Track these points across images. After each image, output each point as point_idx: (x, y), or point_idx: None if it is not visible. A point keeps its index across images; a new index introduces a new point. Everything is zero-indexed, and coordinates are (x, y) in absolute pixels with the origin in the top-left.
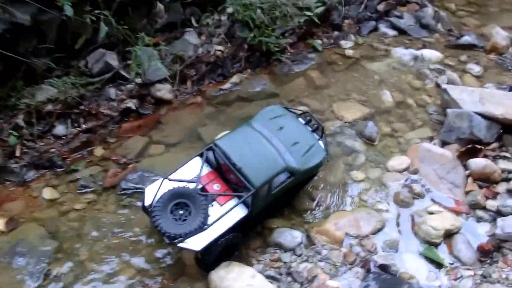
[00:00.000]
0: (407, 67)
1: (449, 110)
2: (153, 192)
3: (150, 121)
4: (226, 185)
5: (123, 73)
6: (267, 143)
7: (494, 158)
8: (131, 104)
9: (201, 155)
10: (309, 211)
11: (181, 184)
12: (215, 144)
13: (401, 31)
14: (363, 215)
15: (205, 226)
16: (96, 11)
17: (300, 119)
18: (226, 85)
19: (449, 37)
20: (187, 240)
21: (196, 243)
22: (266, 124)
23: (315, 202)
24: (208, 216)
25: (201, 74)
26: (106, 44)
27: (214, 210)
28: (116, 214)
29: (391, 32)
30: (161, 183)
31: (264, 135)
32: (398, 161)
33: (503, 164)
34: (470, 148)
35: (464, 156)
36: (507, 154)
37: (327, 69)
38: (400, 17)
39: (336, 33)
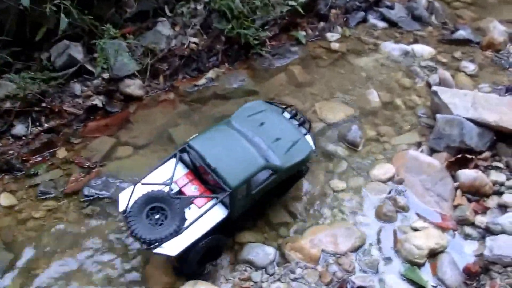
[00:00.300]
0: (397, 64)
1: (438, 116)
2: (126, 197)
3: (118, 119)
4: (204, 187)
5: (89, 67)
6: (245, 141)
7: (486, 169)
8: (98, 101)
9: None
10: (284, 225)
11: (156, 188)
12: (189, 145)
13: (392, 23)
14: (342, 230)
15: (181, 230)
16: (57, 1)
17: (285, 113)
18: (201, 81)
19: (443, 30)
20: (163, 245)
21: (173, 248)
22: (245, 121)
23: (291, 215)
24: (185, 219)
25: (174, 69)
26: (70, 36)
27: (192, 213)
28: (78, 223)
29: (381, 24)
30: (134, 187)
31: (242, 133)
32: (382, 170)
33: (495, 176)
34: (460, 158)
35: (454, 166)
36: (500, 164)
37: (310, 64)
38: (391, 7)
39: (322, 24)
